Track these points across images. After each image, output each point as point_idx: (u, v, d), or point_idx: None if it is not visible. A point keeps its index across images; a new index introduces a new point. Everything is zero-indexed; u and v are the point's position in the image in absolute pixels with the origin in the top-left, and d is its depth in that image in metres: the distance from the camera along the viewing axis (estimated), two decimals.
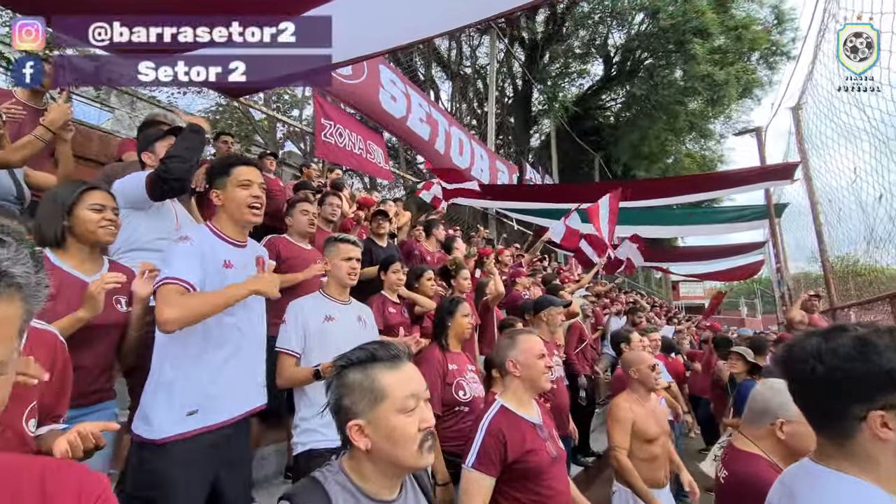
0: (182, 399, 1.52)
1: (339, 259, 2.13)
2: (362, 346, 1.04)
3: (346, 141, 6.86)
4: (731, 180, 7.53)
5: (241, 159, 1.78)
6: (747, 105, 19.07)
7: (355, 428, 0.97)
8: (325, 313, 2.07)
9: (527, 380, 1.83)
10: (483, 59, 17.45)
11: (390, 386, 0.98)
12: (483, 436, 1.67)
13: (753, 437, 1.75)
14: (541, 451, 1.71)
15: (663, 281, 27.80)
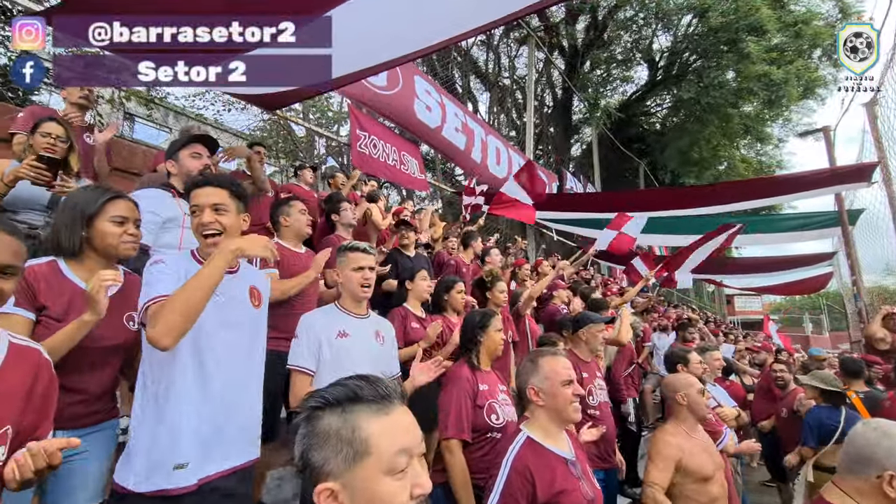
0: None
1: (350, 269, 1.97)
2: (341, 381, 0.79)
3: (381, 152, 6.86)
4: (797, 184, 6.82)
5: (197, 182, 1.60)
6: (809, 106, 17.70)
7: (325, 493, 0.71)
8: (339, 328, 1.91)
9: (552, 410, 1.58)
10: (522, 70, 17.27)
11: (376, 437, 0.73)
12: (508, 473, 1.46)
13: (853, 491, 1.41)
14: (574, 492, 1.45)
15: (716, 294, 26.14)
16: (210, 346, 1.44)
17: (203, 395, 1.43)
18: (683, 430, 2.34)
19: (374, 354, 1.93)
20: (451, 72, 15.53)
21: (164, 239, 2.12)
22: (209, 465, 1.39)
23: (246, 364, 1.55)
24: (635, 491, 4.33)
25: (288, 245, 2.73)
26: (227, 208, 1.53)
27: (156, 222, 2.08)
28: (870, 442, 1.40)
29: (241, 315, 1.56)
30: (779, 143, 19.63)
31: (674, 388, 2.43)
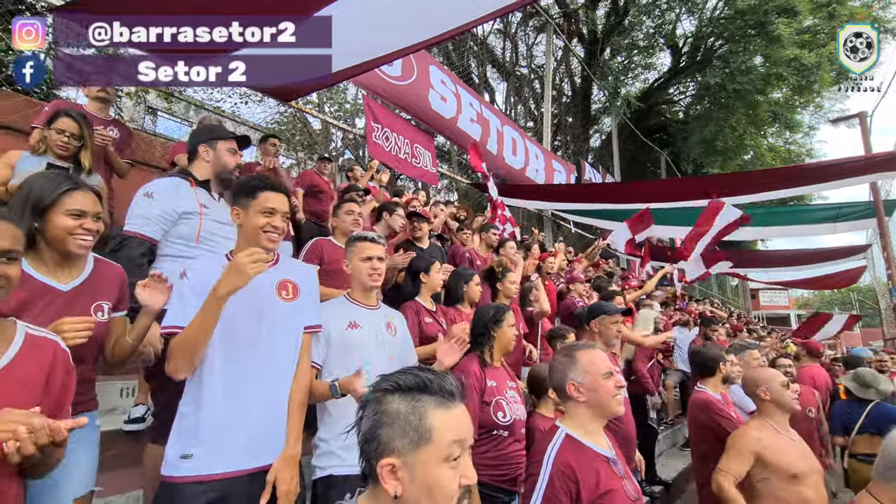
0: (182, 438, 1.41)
1: (358, 259, 1.92)
2: (413, 370, 0.88)
3: (392, 145, 6.84)
4: (829, 173, 6.47)
5: (271, 184, 1.63)
6: (842, 93, 16.93)
7: (388, 467, 0.80)
8: (350, 319, 1.87)
9: (594, 405, 1.50)
10: (540, 58, 16.91)
11: (439, 428, 0.81)
12: (550, 472, 1.39)
13: (890, 501, 1.31)
14: (618, 491, 1.39)
15: (740, 288, 25.44)
16: (218, 342, 1.44)
17: (213, 389, 1.43)
18: (770, 426, 2.24)
19: (385, 346, 1.89)
20: (468, 61, 15.33)
21: (181, 231, 2.09)
22: (217, 462, 1.38)
23: (262, 358, 1.51)
24: (654, 489, 4.23)
25: (338, 243, 2.94)
26: (287, 214, 1.64)
27: (167, 219, 2.05)
28: None
29: (261, 309, 1.55)
30: (809, 130, 18.87)
31: (755, 384, 2.34)
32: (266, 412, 1.48)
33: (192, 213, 2.09)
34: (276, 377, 1.53)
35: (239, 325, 1.46)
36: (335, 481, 1.67)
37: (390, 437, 0.81)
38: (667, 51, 18.29)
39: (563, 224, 11.56)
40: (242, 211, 1.58)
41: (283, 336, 1.57)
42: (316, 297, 1.74)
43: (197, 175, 2.18)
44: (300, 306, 1.64)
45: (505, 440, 2.05)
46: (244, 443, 1.42)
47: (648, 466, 4.39)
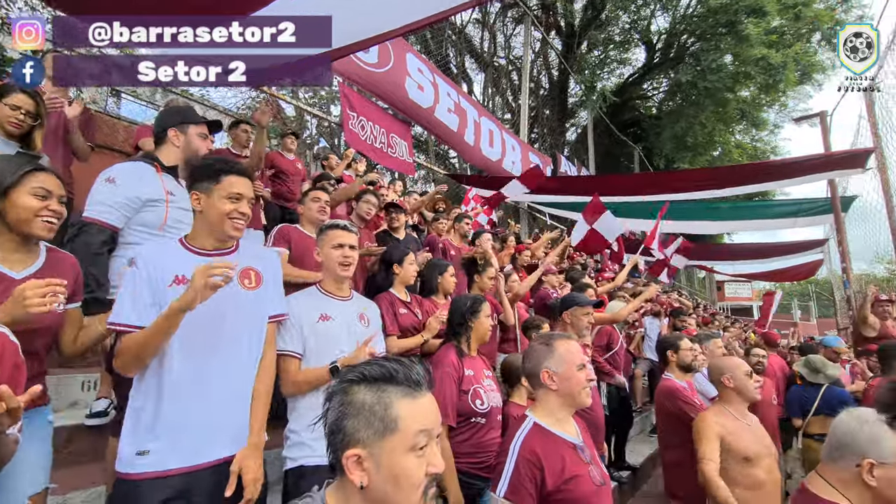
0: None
1: (329, 247, 1.88)
2: (379, 360, 0.87)
3: (368, 134, 6.73)
4: (790, 170, 6.75)
5: (236, 168, 1.55)
6: (805, 91, 17.61)
7: (353, 458, 0.80)
8: (321, 311, 1.83)
9: (565, 394, 1.54)
10: (518, 50, 16.90)
11: (405, 417, 0.81)
12: (516, 459, 1.44)
13: (837, 482, 1.38)
14: (584, 476, 1.43)
15: (707, 280, 26.35)
16: (183, 335, 1.38)
17: (171, 383, 1.37)
18: (729, 412, 2.32)
19: (356, 337, 1.86)
20: (446, 50, 15.20)
21: (146, 218, 2.00)
22: (175, 457, 1.34)
23: (225, 350, 1.46)
24: (622, 474, 4.38)
25: (305, 231, 2.87)
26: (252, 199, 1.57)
27: (130, 206, 1.95)
28: (851, 429, 1.37)
29: (222, 299, 1.47)
30: (774, 128, 19.57)
31: (720, 371, 2.40)
32: (228, 404, 1.44)
33: (157, 201, 2.01)
34: (238, 368, 1.48)
35: (199, 315, 1.38)
36: (305, 471, 1.66)
37: (355, 428, 0.81)
38: (641, 47, 18.58)
39: (538, 216, 11.69)
40: (204, 195, 1.50)
41: (246, 326, 1.52)
42: (280, 284, 1.69)
43: (164, 160, 2.08)
44: (263, 295, 1.59)
45: (482, 427, 2.08)
46: (205, 435, 1.38)
47: (618, 452, 4.54)
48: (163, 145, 2.13)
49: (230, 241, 1.57)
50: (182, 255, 1.49)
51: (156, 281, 1.39)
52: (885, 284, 8.40)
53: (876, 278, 9.55)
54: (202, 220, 1.53)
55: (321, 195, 3.00)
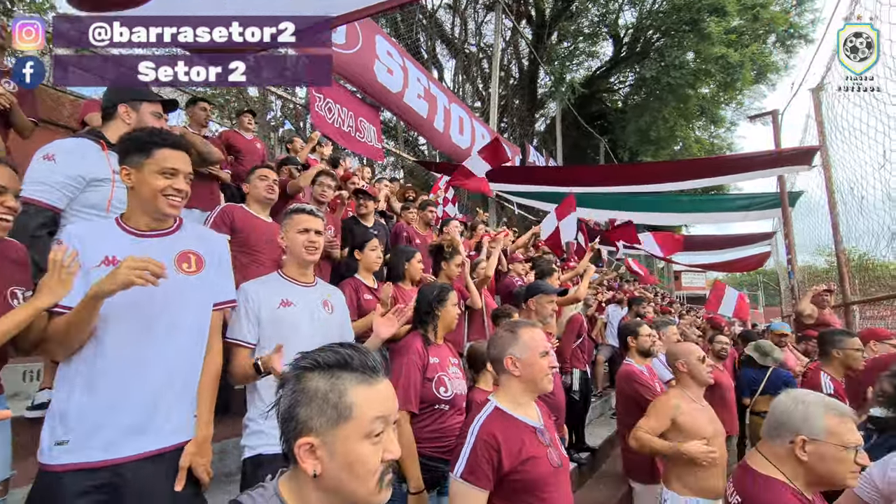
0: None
1: (295, 231, 1.82)
2: (333, 347, 0.85)
3: (336, 117, 6.55)
4: (744, 165, 7.11)
5: (170, 140, 1.45)
6: (760, 91, 18.46)
7: (306, 446, 0.79)
8: (282, 297, 1.78)
9: (527, 380, 1.57)
10: (489, 38, 16.85)
11: (360, 404, 0.80)
12: (474, 441, 1.46)
13: (772, 456, 1.47)
14: (541, 458, 1.47)
15: (665, 270, 27.45)
16: (107, 317, 1.30)
17: (101, 370, 1.30)
18: (687, 395, 2.43)
19: (321, 324, 1.82)
20: (416, 34, 14.94)
21: (90, 199, 1.88)
22: (100, 449, 1.27)
23: (160, 337, 1.39)
24: (581, 456, 4.54)
25: (251, 210, 2.71)
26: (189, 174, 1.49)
27: (72, 186, 1.82)
28: (787, 409, 1.46)
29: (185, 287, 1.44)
30: (731, 126, 20.42)
31: (675, 357, 2.51)
32: (165, 393, 1.37)
33: (102, 180, 1.89)
34: (176, 356, 1.40)
35: (131, 300, 1.30)
36: (264, 460, 1.63)
37: (308, 416, 0.79)
38: (609, 40, 18.88)
39: (506, 205, 11.79)
40: (135, 171, 1.40)
41: (183, 313, 1.43)
42: (227, 269, 1.62)
43: (111, 137, 1.95)
44: (205, 280, 1.51)
45: (445, 413, 2.10)
46: (138, 426, 1.31)
47: (578, 434, 4.70)
48: (111, 121, 2.00)
49: (167, 220, 1.48)
50: (116, 234, 1.40)
51: (83, 260, 1.30)
52: (825, 276, 8.99)
53: (817, 269, 10.20)
54: (136, 198, 1.43)
55: (269, 173, 2.86)
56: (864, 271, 6.27)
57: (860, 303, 6.14)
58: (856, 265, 6.37)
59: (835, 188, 6.22)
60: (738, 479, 1.54)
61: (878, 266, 5.95)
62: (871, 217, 5.23)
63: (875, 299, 5.74)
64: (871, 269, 6.13)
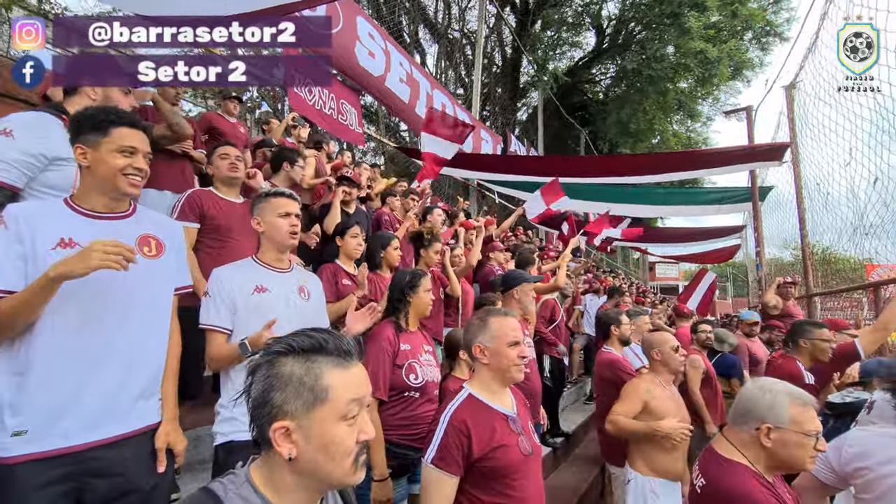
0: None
1: (275, 215, 1.77)
2: (307, 332, 0.85)
3: (317, 99, 6.35)
4: (718, 159, 7.28)
5: (126, 119, 1.40)
6: (736, 87, 18.88)
7: (282, 430, 0.78)
8: (257, 283, 1.73)
9: (495, 369, 1.57)
10: (473, 24, 16.64)
11: (335, 387, 0.80)
12: (445, 428, 1.46)
13: (738, 442, 1.54)
14: (512, 446, 1.48)
15: (640, 261, 28.12)
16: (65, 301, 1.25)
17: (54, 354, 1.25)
18: (657, 381, 2.52)
19: (297, 311, 1.79)
20: (399, 17, 14.67)
21: (51, 179, 1.78)
22: (55, 436, 1.22)
23: (118, 321, 1.34)
24: (556, 441, 4.65)
25: (219, 193, 2.56)
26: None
27: (31, 164, 1.72)
28: (754, 397, 1.52)
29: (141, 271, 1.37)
30: (707, 120, 20.87)
31: (650, 345, 2.59)
32: (123, 378, 1.33)
33: (65, 160, 1.79)
34: (133, 341, 1.36)
35: (88, 282, 1.25)
36: (236, 446, 1.60)
37: (284, 400, 0.79)
38: (592, 31, 18.94)
39: (487, 194, 11.81)
40: (91, 150, 1.35)
41: (144, 296, 1.40)
42: (184, 255, 1.60)
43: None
44: (166, 264, 1.48)
45: (416, 401, 2.09)
46: (97, 411, 1.27)
47: (552, 420, 4.80)
48: (76, 96, 1.91)
49: (124, 201, 1.43)
50: (66, 215, 1.34)
51: (32, 242, 1.24)
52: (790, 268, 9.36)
53: (784, 262, 10.62)
54: (91, 177, 1.37)
55: (229, 150, 2.71)
56: (826, 264, 6.55)
57: (822, 294, 6.42)
58: (819, 258, 6.64)
59: (803, 184, 6.44)
60: (703, 462, 1.60)
61: (839, 260, 6.22)
62: (835, 213, 5.46)
63: (836, 291, 6.01)
64: (832, 263, 6.41)
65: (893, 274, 5.18)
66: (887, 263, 5.04)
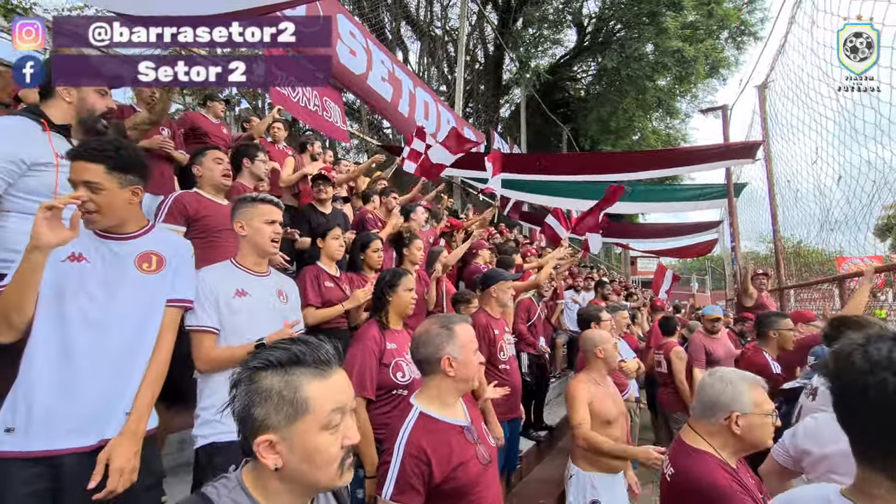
0: None
1: (261, 222, 1.81)
2: (284, 345, 0.86)
3: (300, 95, 6.30)
4: (694, 157, 7.49)
5: None
6: (713, 85, 19.26)
7: (265, 443, 0.81)
8: (236, 287, 1.76)
9: (461, 380, 1.51)
10: (455, 21, 16.67)
11: (315, 398, 0.82)
12: (402, 458, 1.36)
13: (705, 433, 1.63)
14: (471, 461, 1.44)
15: (622, 256, 28.57)
16: (66, 312, 1.30)
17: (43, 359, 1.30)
18: (593, 379, 2.59)
19: (276, 314, 1.83)
20: (381, 14, 14.60)
21: (30, 185, 1.75)
22: (38, 439, 1.26)
23: (109, 330, 1.38)
24: (539, 434, 4.75)
25: (205, 195, 2.53)
26: (102, 186, 1.42)
27: (9, 170, 1.69)
28: (716, 391, 1.60)
29: (114, 278, 1.42)
30: (685, 118, 21.27)
31: (593, 343, 2.65)
32: (106, 388, 1.36)
33: (45, 164, 1.77)
34: (121, 351, 1.40)
35: (83, 292, 1.34)
36: (218, 448, 1.63)
37: (265, 415, 0.81)
38: (573, 29, 19.11)
39: (471, 191, 11.87)
40: None
41: (138, 308, 1.45)
42: (189, 271, 1.63)
43: (54, 117, 1.84)
44: (165, 279, 1.53)
45: (404, 399, 2.13)
46: (78, 418, 1.30)
47: (536, 413, 4.90)
48: (52, 99, 1.88)
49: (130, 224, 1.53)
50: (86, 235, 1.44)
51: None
52: (763, 262, 9.68)
53: (759, 256, 10.98)
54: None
55: (223, 156, 2.70)
56: (798, 257, 6.80)
57: (794, 287, 6.66)
58: (791, 252, 6.88)
59: (774, 181, 6.66)
60: (673, 452, 1.68)
61: (810, 253, 6.46)
62: (804, 208, 5.67)
63: (807, 284, 6.25)
64: (804, 256, 6.67)
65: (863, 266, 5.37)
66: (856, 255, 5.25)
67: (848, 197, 4.07)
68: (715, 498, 1.40)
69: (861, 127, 3.77)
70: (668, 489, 1.62)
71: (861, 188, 3.89)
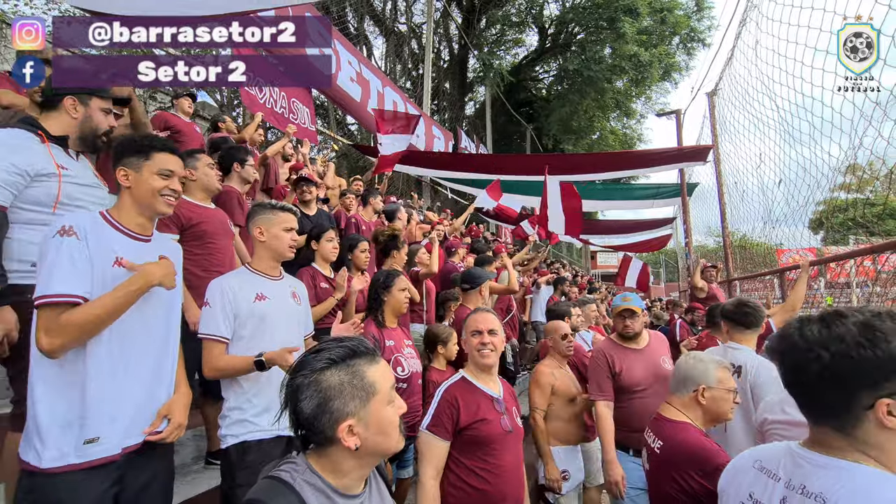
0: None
1: (280, 229, 1.88)
2: (336, 343, 0.99)
3: (268, 98, 6.24)
4: (651, 159, 8.02)
5: (166, 146, 1.54)
6: (665, 88, 20.35)
7: (346, 429, 0.93)
8: (256, 291, 1.82)
9: (469, 356, 1.89)
10: (419, 18, 16.74)
11: (377, 381, 0.97)
12: (439, 400, 1.75)
13: (680, 405, 1.88)
14: (493, 422, 1.75)
15: (583, 251, 29.62)
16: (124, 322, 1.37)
17: (108, 367, 1.35)
18: (556, 363, 2.86)
19: (292, 315, 1.92)
20: (344, 10, 14.44)
21: (34, 195, 1.74)
22: (114, 443, 1.35)
23: (152, 338, 1.47)
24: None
25: (195, 200, 2.53)
26: None
27: (15, 182, 1.70)
28: (688, 367, 1.88)
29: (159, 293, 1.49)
30: (641, 118, 22.33)
31: (549, 332, 2.98)
32: (151, 387, 1.46)
33: (48, 175, 1.77)
34: (156, 353, 1.50)
35: (134, 313, 1.40)
36: (250, 445, 1.72)
37: (343, 404, 0.93)
38: (535, 30, 19.61)
39: (440, 190, 12.03)
40: (133, 172, 1.47)
41: (164, 313, 1.54)
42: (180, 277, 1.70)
43: (51, 129, 1.83)
44: (179, 284, 1.61)
45: (404, 392, 2.29)
46: (135, 418, 1.39)
47: None
48: (53, 111, 1.87)
49: (153, 222, 1.56)
50: (112, 233, 1.43)
51: (90, 255, 1.33)
52: (713, 255, 10.43)
53: (709, 249, 11.80)
54: (130, 197, 1.49)
55: (212, 161, 2.70)
56: (743, 250, 7.41)
57: (741, 278, 7.26)
58: (737, 245, 7.49)
59: (723, 181, 7.23)
60: (654, 426, 1.91)
61: (753, 246, 7.06)
62: (749, 206, 6.22)
63: (752, 276, 6.83)
64: (748, 249, 7.28)
65: (798, 258, 5.90)
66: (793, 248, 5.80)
67: (787, 198, 4.53)
68: (704, 458, 1.63)
69: (798, 136, 4.20)
70: (657, 460, 1.82)
71: (798, 191, 4.35)
